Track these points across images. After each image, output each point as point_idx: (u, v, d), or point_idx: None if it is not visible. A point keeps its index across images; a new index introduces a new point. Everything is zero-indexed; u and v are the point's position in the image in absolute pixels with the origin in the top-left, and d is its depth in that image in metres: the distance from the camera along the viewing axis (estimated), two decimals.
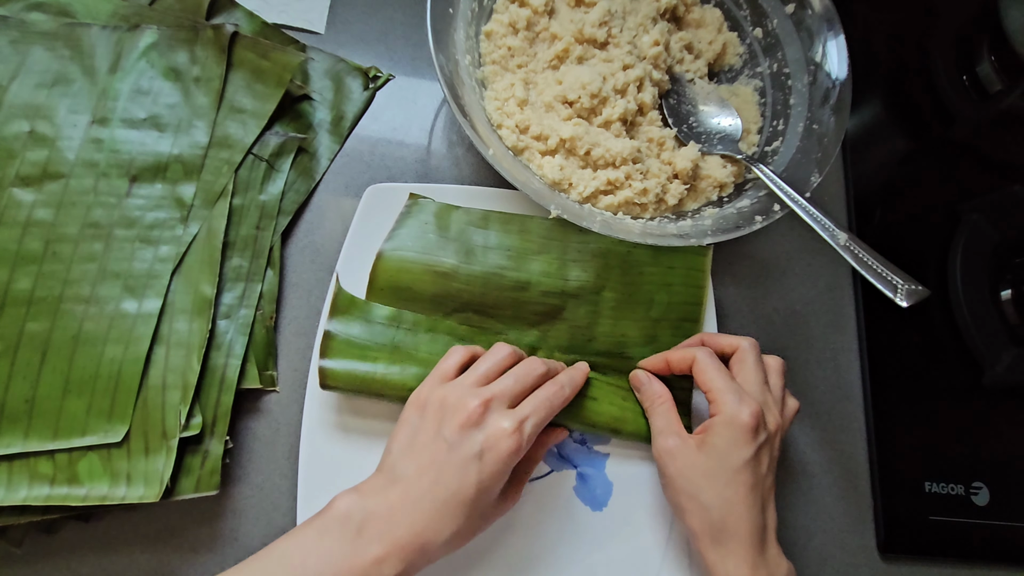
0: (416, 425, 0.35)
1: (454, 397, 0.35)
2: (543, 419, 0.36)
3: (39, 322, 0.39)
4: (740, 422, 0.36)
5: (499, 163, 0.41)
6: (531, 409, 0.36)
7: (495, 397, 0.35)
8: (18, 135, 0.42)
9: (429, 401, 0.36)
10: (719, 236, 0.42)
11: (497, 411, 0.35)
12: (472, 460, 0.33)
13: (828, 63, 0.47)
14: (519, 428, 0.34)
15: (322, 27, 0.51)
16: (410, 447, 0.35)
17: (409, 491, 0.33)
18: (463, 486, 0.33)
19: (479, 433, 0.34)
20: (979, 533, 0.46)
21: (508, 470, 0.35)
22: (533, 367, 0.38)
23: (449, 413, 0.35)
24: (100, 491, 0.37)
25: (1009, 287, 0.52)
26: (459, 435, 0.34)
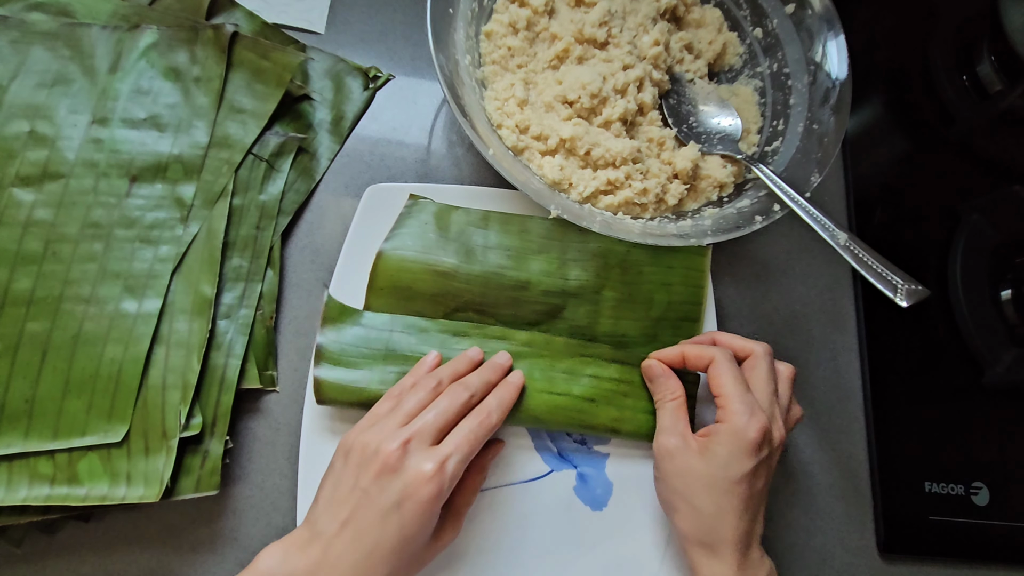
0: (338, 474, 0.34)
1: (375, 442, 0.34)
2: (468, 454, 0.35)
3: (39, 322, 0.39)
4: (746, 437, 0.35)
5: (499, 163, 0.41)
6: (453, 447, 0.34)
7: (414, 437, 0.34)
8: (18, 135, 0.42)
9: (352, 447, 0.34)
10: (719, 236, 0.42)
11: (417, 453, 0.33)
12: (391, 510, 0.32)
13: (828, 63, 0.47)
14: (441, 468, 0.33)
15: (322, 27, 0.51)
16: (332, 499, 0.33)
17: (330, 548, 0.32)
18: (383, 538, 0.32)
19: (397, 480, 0.32)
20: (979, 533, 0.46)
21: (434, 514, 0.33)
22: (455, 397, 0.36)
23: (368, 460, 0.33)
24: (100, 491, 0.37)
25: (1009, 287, 0.52)
26: (377, 484, 0.32)
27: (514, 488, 0.41)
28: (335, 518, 0.33)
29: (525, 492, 0.41)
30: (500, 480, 0.41)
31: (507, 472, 0.42)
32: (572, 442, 0.43)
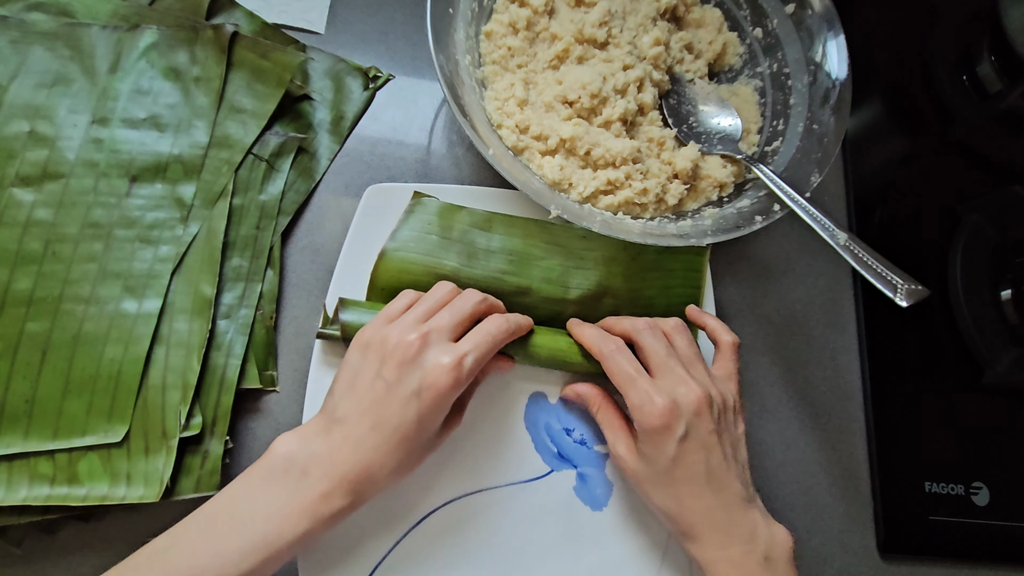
0: (357, 366, 0.35)
1: (394, 335, 0.35)
2: (485, 353, 0.36)
3: (39, 322, 0.39)
4: (649, 425, 0.35)
5: (499, 163, 0.41)
6: (472, 344, 0.35)
7: (433, 331, 0.35)
8: (18, 135, 0.42)
9: (371, 341, 0.35)
10: (719, 236, 0.42)
11: (436, 346, 0.35)
12: (411, 398, 0.33)
13: (828, 63, 0.47)
14: (459, 363, 0.34)
15: (322, 27, 0.51)
16: (351, 388, 0.35)
17: (351, 432, 0.33)
18: (403, 423, 0.33)
19: (417, 370, 0.34)
20: (979, 533, 0.46)
21: (448, 404, 0.35)
22: (470, 298, 0.38)
23: (388, 352, 0.34)
24: (100, 491, 0.37)
25: (1009, 287, 0.52)
26: (397, 373, 0.34)
27: (514, 488, 0.41)
28: (356, 405, 0.34)
29: (525, 492, 0.41)
30: (500, 480, 0.41)
31: (507, 472, 0.42)
32: (572, 442, 0.43)
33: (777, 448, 0.47)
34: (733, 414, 0.38)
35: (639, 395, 0.36)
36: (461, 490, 0.41)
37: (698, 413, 0.36)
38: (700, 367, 0.38)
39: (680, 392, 0.36)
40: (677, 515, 0.36)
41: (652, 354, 0.38)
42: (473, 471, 0.41)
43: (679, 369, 0.37)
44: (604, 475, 0.42)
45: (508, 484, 0.41)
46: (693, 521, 0.36)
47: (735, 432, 0.38)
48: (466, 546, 0.40)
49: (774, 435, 0.47)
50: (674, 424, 0.35)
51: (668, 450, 0.35)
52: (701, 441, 0.36)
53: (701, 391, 0.36)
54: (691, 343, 0.39)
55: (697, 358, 0.39)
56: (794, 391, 0.48)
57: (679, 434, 0.35)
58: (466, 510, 0.40)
